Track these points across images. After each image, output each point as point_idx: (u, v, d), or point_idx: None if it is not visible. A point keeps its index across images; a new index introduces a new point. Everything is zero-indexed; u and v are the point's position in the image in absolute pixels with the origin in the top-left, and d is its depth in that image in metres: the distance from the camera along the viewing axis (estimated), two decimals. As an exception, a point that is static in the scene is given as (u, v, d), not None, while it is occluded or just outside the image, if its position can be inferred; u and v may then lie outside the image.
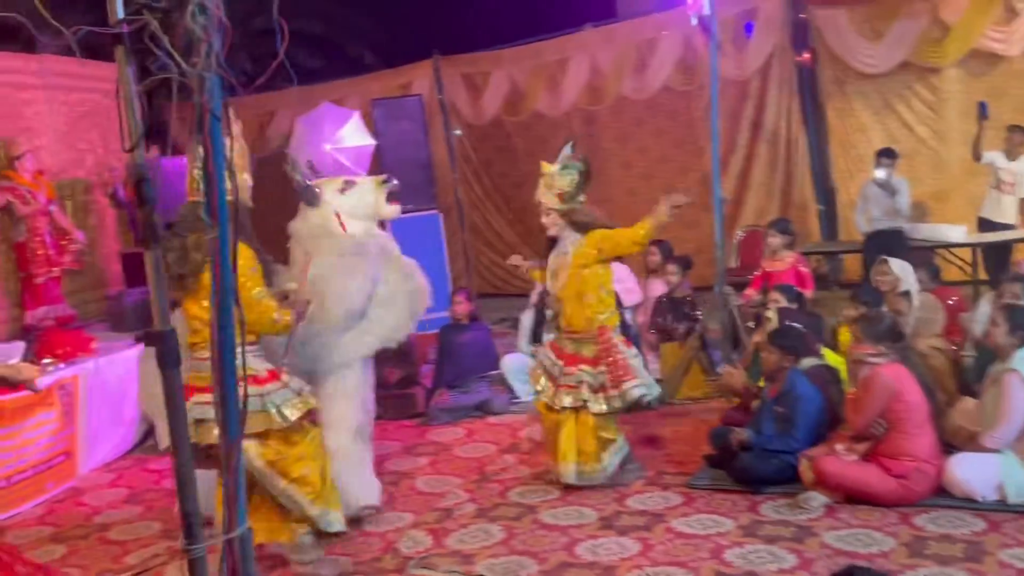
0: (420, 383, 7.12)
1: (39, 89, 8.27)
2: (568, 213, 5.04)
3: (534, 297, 7.44)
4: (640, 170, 10.60)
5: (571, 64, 10.49)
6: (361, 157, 8.94)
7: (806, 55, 9.61)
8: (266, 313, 3.99)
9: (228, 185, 2.07)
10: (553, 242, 5.17)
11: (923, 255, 7.44)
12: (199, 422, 3.81)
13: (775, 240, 6.99)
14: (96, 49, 2.62)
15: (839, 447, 4.68)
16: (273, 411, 4.02)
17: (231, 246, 2.07)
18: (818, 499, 4.55)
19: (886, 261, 6.00)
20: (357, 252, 4.85)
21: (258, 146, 12.33)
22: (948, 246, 8.35)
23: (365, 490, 4.85)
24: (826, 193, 9.80)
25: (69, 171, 8.70)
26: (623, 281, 7.79)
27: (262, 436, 4.04)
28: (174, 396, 2.11)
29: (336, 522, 4.22)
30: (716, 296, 6.65)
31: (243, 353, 2.10)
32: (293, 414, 4.07)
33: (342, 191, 4.93)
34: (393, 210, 5.03)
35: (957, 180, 9.08)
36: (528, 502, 5.01)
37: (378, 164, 9.59)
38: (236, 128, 4.57)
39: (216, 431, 3.57)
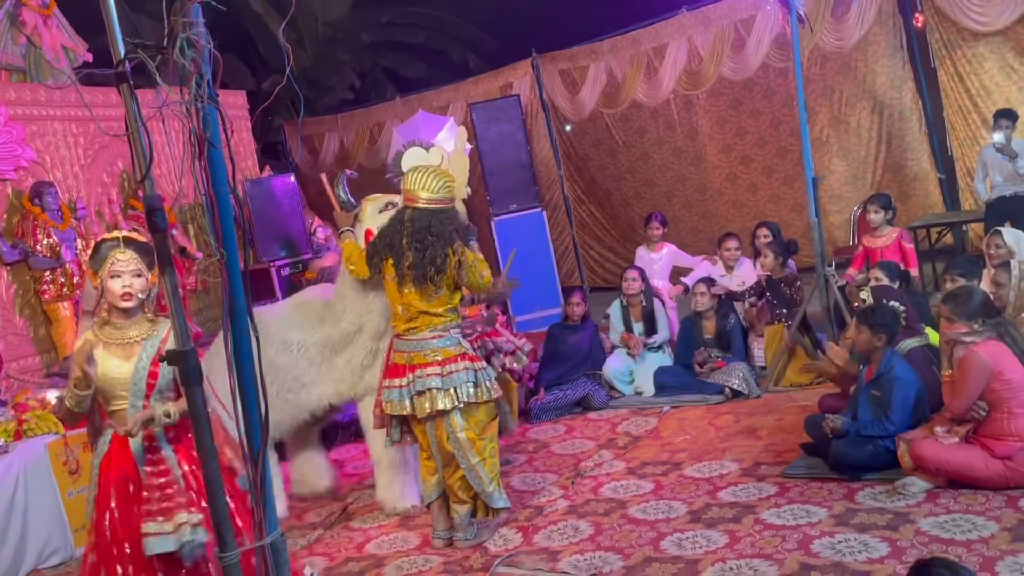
0: (522, 381, 7.16)
1: (159, 121, 8.83)
2: None
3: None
4: (739, 154, 10.33)
5: (669, 49, 10.35)
6: (457, 162, 9.07)
7: (918, 17, 9.15)
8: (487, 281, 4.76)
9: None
10: None
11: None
12: (419, 394, 4.46)
13: (876, 215, 6.70)
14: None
15: (939, 429, 4.44)
16: (484, 385, 4.54)
17: (242, 268, 2.16)
18: (918, 484, 4.35)
19: (998, 232, 5.66)
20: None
21: (368, 157, 12.73)
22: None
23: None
24: (946, 162, 9.32)
25: (189, 196, 9.21)
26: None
27: (468, 412, 4.52)
28: (200, 412, 2.22)
29: (501, 499, 4.64)
30: (816, 278, 6.41)
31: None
32: (495, 391, 4.60)
33: (382, 211, 5.08)
34: None
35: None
36: (620, 497, 4.98)
37: (478, 167, 9.74)
38: (458, 139, 5.13)
39: (438, 399, 4.41)
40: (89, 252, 3.47)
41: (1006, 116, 7.48)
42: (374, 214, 5.10)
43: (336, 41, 14.88)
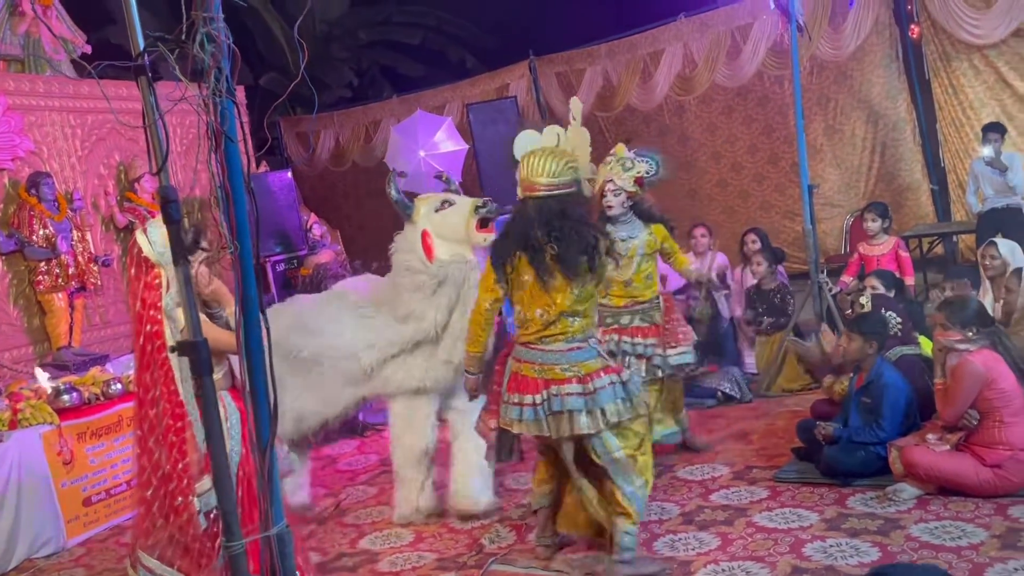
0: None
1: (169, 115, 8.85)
2: (639, 199, 5.10)
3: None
4: (729, 160, 10.39)
5: (665, 55, 10.40)
6: (455, 162, 9.10)
7: (914, 28, 9.22)
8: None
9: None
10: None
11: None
12: (555, 414, 3.85)
13: (874, 224, 6.77)
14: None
15: (930, 437, 4.50)
16: (635, 397, 3.94)
17: (254, 260, 2.18)
18: (908, 491, 4.40)
19: (994, 244, 5.73)
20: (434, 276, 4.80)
21: (364, 155, 12.74)
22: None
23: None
24: (938, 173, 9.39)
25: (186, 190, 9.18)
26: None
27: (622, 427, 3.91)
28: (208, 401, 2.24)
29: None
30: (810, 285, 6.48)
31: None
32: (651, 399, 4.11)
33: (437, 210, 4.86)
34: (483, 237, 4.74)
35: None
36: (612, 498, 5.01)
37: (475, 168, 9.77)
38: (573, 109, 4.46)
39: (578, 422, 3.77)
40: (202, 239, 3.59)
41: (994, 130, 7.57)
42: (429, 214, 4.86)
43: (333, 39, 14.89)
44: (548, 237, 3.82)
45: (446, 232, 4.82)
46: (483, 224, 4.77)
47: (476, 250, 4.81)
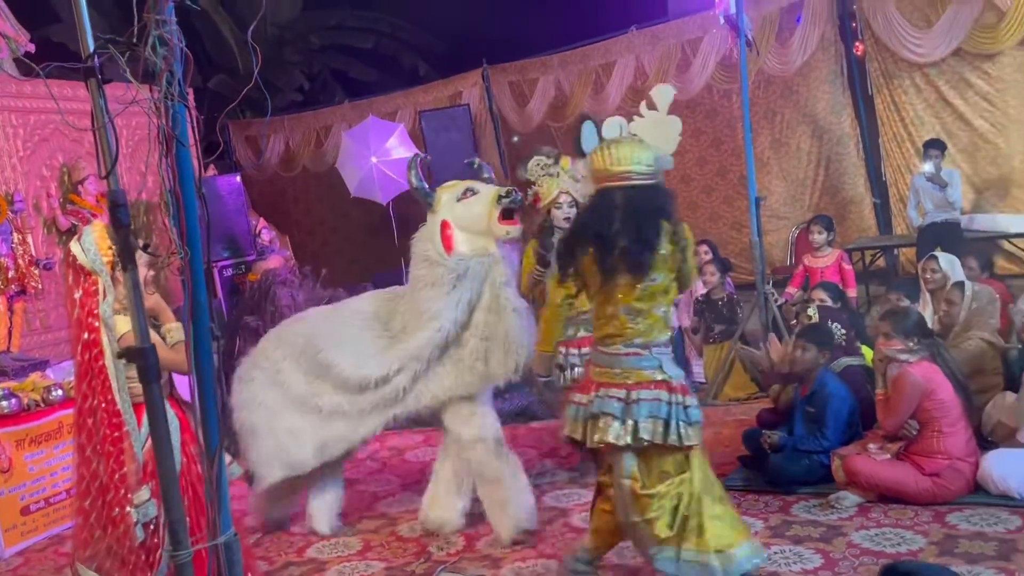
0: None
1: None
2: None
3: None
4: (679, 172, 10.51)
5: (617, 67, 10.50)
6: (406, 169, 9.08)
7: (858, 46, 9.43)
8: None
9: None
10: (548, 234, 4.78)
11: (980, 247, 7.28)
12: (594, 418, 3.56)
13: (820, 236, 6.92)
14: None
15: (871, 446, 4.61)
16: (676, 424, 3.50)
17: (204, 266, 2.16)
18: (850, 499, 4.49)
19: (934, 258, 5.87)
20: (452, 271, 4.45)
21: (314, 160, 12.64)
22: (1007, 237, 8.11)
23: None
24: (880, 187, 9.61)
25: (131, 193, 9.02)
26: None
27: (648, 456, 3.54)
28: (156, 409, 2.21)
29: (669, 560, 3.60)
30: (757, 296, 6.58)
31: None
32: (690, 438, 3.52)
33: (460, 199, 4.52)
34: (505, 230, 4.42)
35: (1019, 170, 8.79)
36: (562, 505, 5.04)
37: (427, 175, 9.75)
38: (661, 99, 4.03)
39: (610, 430, 3.44)
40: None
41: (935, 146, 7.79)
42: (451, 203, 4.51)
43: (285, 42, 14.76)
44: (624, 230, 3.50)
45: (468, 223, 4.46)
46: (506, 215, 4.42)
47: (500, 244, 4.50)
